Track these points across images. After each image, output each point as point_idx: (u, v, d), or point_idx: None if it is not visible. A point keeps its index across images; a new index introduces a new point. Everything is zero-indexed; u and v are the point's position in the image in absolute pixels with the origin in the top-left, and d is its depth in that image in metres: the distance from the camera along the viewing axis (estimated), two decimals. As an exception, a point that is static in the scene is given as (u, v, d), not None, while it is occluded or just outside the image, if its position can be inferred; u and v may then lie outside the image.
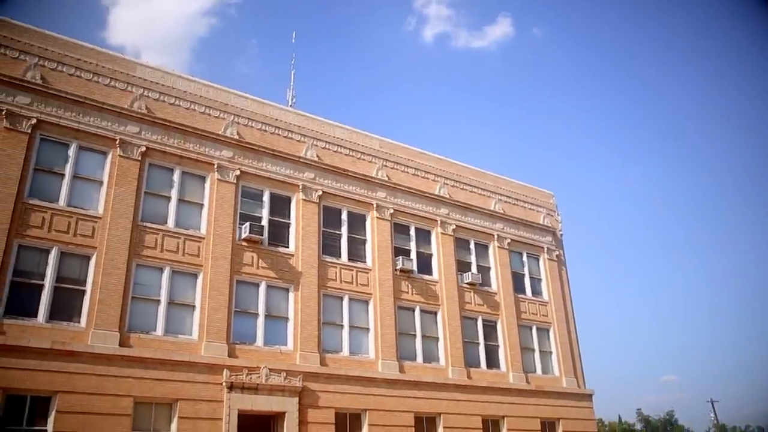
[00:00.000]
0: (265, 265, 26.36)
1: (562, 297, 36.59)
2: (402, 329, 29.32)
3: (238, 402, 23.31)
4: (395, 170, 32.22)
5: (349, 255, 29.19)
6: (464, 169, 35.65)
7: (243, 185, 27.11)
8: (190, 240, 24.98)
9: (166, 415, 22.27)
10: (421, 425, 27.91)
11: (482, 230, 34.49)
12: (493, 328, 32.86)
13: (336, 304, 27.94)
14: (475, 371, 30.83)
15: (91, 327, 21.71)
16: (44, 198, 22.58)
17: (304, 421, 24.52)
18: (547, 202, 39.25)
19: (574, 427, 32.92)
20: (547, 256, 37.04)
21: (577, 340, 36.34)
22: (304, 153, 29.05)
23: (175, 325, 23.70)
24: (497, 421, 30.47)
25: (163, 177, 25.42)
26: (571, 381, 34.31)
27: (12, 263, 21.21)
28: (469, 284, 32.41)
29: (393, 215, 31.08)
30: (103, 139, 24.27)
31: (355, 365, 27.04)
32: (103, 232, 23.10)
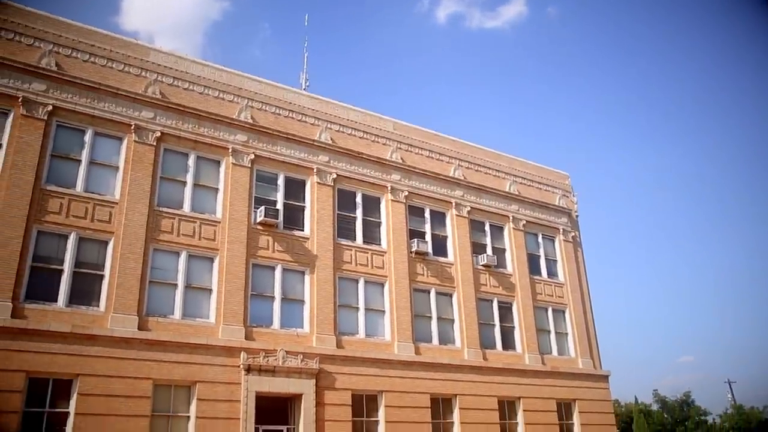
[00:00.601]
0: (281, 249, 26.48)
1: (578, 278, 36.46)
2: (417, 311, 29.40)
3: (255, 384, 23.56)
4: (409, 153, 32.12)
5: (364, 238, 29.24)
6: (479, 151, 35.48)
7: (257, 169, 27.18)
8: (205, 224, 25.13)
9: (185, 397, 22.57)
10: (437, 406, 28.07)
11: (497, 212, 34.37)
12: (509, 310, 32.86)
13: (351, 286, 28.05)
14: (491, 353, 30.89)
15: (110, 311, 21.99)
16: (62, 184, 22.79)
17: (321, 402, 24.75)
18: (563, 183, 38.99)
19: (590, 408, 32.96)
20: (563, 238, 36.88)
21: (593, 321, 36.27)
22: (318, 136, 29.03)
23: (193, 308, 23.93)
24: (513, 402, 30.57)
25: (178, 162, 25.54)
26: (587, 362, 34.29)
27: (31, 249, 21.48)
28: (485, 266, 32.37)
29: (408, 198, 31.05)
30: (119, 125, 24.39)
31: (371, 347, 27.19)
32: (120, 217, 23.31)
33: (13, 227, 21.09)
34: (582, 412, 32.58)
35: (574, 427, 32.33)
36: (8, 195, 21.33)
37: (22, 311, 20.54)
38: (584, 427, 32.32)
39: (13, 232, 21.05)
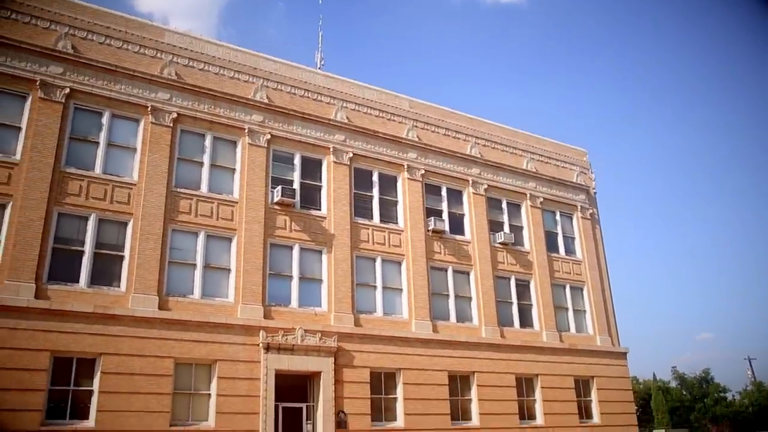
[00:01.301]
0: (298, 228, 26.61)
1: (596, 255, 36.30)
2: (435, 289, 29.48)
3: (274, 362, 23.83)
4: (426, 131, 31.99)
5: (381, 216, 29.27)
6: (496, 128, 35.23)
7: (274, 149, 27.23)
8: (223, 204, 25.29)
9: (205, 375, 22.90)
10: (455, 383, 28.24)
11: (514, 189, 34.22)
12: (527, 288, 32.84)
13: (369, 265, 28.15)
14: (509, 330, 30.95)
15: (130, 291, 22.29)
16: (80, 166, 23.01)
17: (339, 380, 24.99)
18: (581, 160, 38.67)
19: (609, 385, 32.98)
20: (581, 215, 36.66)
21: (612, 298, 36.16)
22: (334, 115, 28.99)
23: (212, 288, 24.18)
24: (531, 380, 30.67)
25: (194, 143, 25.66)
26: (605, 339, 34.25)
27: (53, 231, 21.78)
28: (502, 244, 32.31)
29: (424, 176, 30.98)
30: (135, 107, 24.52)
31: (389, 325, 27.35)
32: (139, 198, 23.51)
33: (34, 209, 21.38)
34: (600, 389, 32.61)
35: (592, 404, 32.41)
36: (29, 177, 21.59)
37: (45, 292, 20.89)
38: (602, 403, 32.38)
39: (35, 215, 21.34)
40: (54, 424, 19.75)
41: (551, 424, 30.12)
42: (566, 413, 30.91)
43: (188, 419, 22.08)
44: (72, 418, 20.21)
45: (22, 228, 21.00)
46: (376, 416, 25.67)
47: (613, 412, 32.61)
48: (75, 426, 20.05)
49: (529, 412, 30.09)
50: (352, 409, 24.92)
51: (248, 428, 22.60)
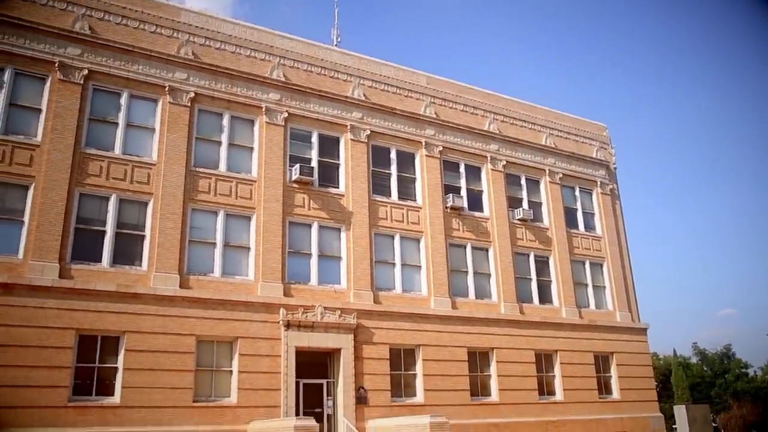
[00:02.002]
0: (317, 206, 26.68)
1: (616, 231, 36.05)
2: (454, 266, 29.49)
3: (295, 339, 24.07)
4: (443, 107, 31.78)
5: (399, 194, 29.25)
6: (514, 104, 34.92)
7: (291, 127, 27.24)
8: (242, 183, 25.40)
9: (227, 352, 23.21)
10: (475, 359, 28.36)
11: (533, 165, 33.99)
12: (546, 264, 32.74)
13: (387, 242, 28.21)
14: (528, 306, 30.94)
15: (152, 270, 22.56)
16: (100, 147, 23.21)
17: (359, 356, 25.20)
18: (600, 135, 38.25)
19: (628, 361, 32.93)
20: (601, 190, 36.36)
21: (632, 274, 35.95)
22: (351, 93, 28.88)
23: (232, 266, 24.40)
24: (550, 355, 30.70)
25: (212, 122, 25.74)
26: (625, 315, 34.13)
27: (75, 211, 22.06)
28: (521, 220, 32.19)
29: (442, 153, 30.85)
30: (153, 87, 24.60)
31: (408, 302, 27.45)
32: (158, 178, 23.69)
33: (56, 190, 21.64)
34: (620, 364, 32.59)
35: (612, 380, 32.40)
36: (50, 159, 21.83)
37: (69, 271, 21.22)
38: (622, 379, 32.37)
39: (57, 195, 21.61)
40: (81, 401, 20.18)
41: (571, 399, 30.19)
42: (586, 389, 30.94)
43: (211, 395, 22.44)
44: (98, 395, 20.65)
45: (45, 209, 21.29)
46: (395, 392, 25.89)
47: (633, 387, 32.58)
48: (101, 402, 20.48)
49: (548, 388, 30.17)
50: (372, 385, 25.15)
51: (270, 404, 22.92)
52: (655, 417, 32.74)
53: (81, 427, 19.75)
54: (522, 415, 28.25)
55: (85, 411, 20.06)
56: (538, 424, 28.39)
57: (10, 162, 21.44)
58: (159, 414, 21.01)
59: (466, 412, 26.79)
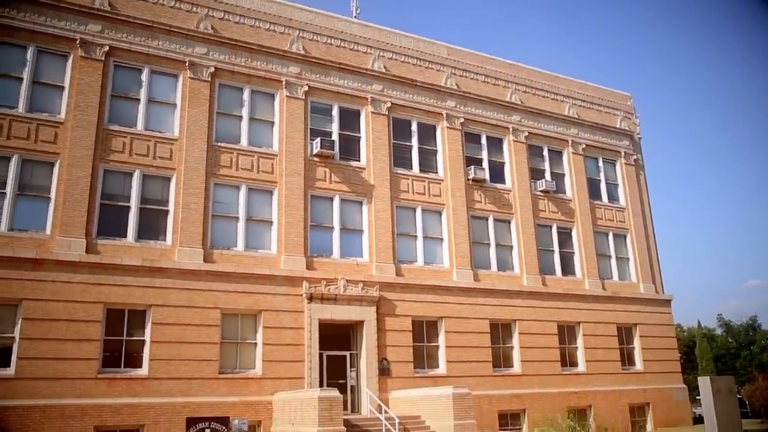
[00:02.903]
0: (338, 180, 26.71)
1: (640, 202, 35.66)
2: (476, 238, 29.44)
3: (318, 312, 24.30)
4: (464, 78, 31.45)
5: (421, 166, 29.15)
6: (536, 74, 34.44)
7: (312, 101, 27.18)
8: (263, 157, 25.48)
9: (251, 325, 23.52)
10: (497, 331, 28.44)
11: (556, 136, 33.62)
12: (568, 236, 32.55)
13: (409, 215, 28.21)
14: (550, 278, 30.86)
15: (176, 245, 22.85)
16: (123, 123, 23.38)
17: (382, 329, 25.40)
18: (624, 105, 37.65)
19: (652, 333, 32.80)
20: (624, 161, 35.90)
21: (656, 245, 35.61)
22: (371, 65, 28.68)
23: (255, 240, 24.60)
24: (573, 327, 30.67)
25: (233, 97, 25.76)
26: (648, 287, 33.90)
27: (99, 187, 22.34)
28: (543, 192, 31.96)
29: (463, 124, 30.62)
30: (173, 62, 24.65)
31: (430, 275, 27.52)
32: (181, 153, 23.85)
33: (81, 167, 21.91)
34: (643, 336, 32.47)
35: (635, 351, 32.33)
36: (74, 136, 22.07)
37: (95, 247, 21.57)
38: (645, 351, 32.27)
39: (82, 172, 21.88)
40: (110, 372, 20.65)
41: (593, 371, 30.21)
42: (609, 360, 30.93)
43: (236, 367, 22.82)
44: (126, 367, 21.10)
45: (70, 185, 21.59)
46: (418, 364, 26.10)
47: (657, 359, 32.49)
48: (129, 374, 20.93)
49: (570, 360, 30.21)
50: (394, 356, 25.37)
51: (294, 376, 23.26)
52: (679, 388, 32.68)
53: (111, 398, 20.26)
54: (544, 386, 28.35)
55: (115, 382, 20.55)
56: (560, 395, 28.49)
57: (35, 140, 21.72)
58: (186, 385, 21.44)
59: (489, 383, 26.97)
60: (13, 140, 21.36)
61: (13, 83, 22.01)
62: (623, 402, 30.38)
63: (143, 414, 20.57)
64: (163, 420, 20.71)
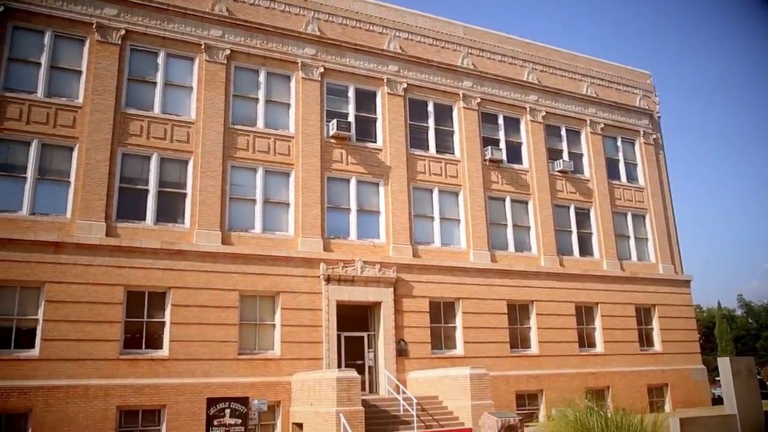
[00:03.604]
0: (354, 161, 26.69)
1: (659, 182, 35.29)
2: (493, 219, 29.35)
3: (335, 293, 24.43)
4: (481, 58, 31.16)
5: (437, 147, 29.03)
6: (554, 53, 34.04)
7: (327, 82, 27.10)
8: (279, 140, 25.51)
9: (269, 306, 23.71)
10: (514, 312, 28.42)
11: (574, 116, 33.28)
12: (586, 216, 32.34)
13: (426, 196, 28.16)
14: (568, 259, 30.73)
15: (194, 227, 23.02)
16: (140, 107, 23.49)
17: (399, 310, 25.49)
18: (644, 83, 37.13)
19: (671, 314, 32.61)
20: (644, 140, 35.49)
21: (675, 225, 35.28)
22: (387, 45, 28.50)
23: (272, 222, 24.72)
24: (591, 308, 30.57)
25: (249, 79, 25.75)
26: (667, 267, 33.65)
27: (118, 170, 22.52)
28: (561, 172, 31.72)
29: (480, 105, 30.39)
30: (189, 45, 24.65)
31: (447, 256, 27.51)
32: (198, 136, 23.94)
33: (99, 151, 22.09)
34: (662, 317, 32.29)
35: (654, 332, 32.18)
36: (92, 120, 22.23)
37: (115, 230, 21.80)
38: (664, 332, 32.11)
39: (100, 156, 22.06)
40: (131, 353, 20.97)
41: (611, 351, 30.14)
42: (627, 341, 30.83)
43: (255, 348, 23.05)
44: (147, 348, 21.40)
45: (89, 169, 21.79)
46: (435, 344, 26.19)
47: (675, 340, 32.32)
48: (151, 355, 21.23)
49: (588, 340, 30.15)
50: (412, 337, 25.47)
51: (312, 356, 23.45)
52: (698, 369, 32.52)
53: (133, 378, 20.58)
54: (562, 367, 28.36)
55: (136, 363, 20.87)
56: (578, 376, 28.49)
57: (54, 124, 21.90)
58: (206, 366, 21.72)
59: (506, 364, 27.01)
60: (32, 125, 21.56)
61: (32, 68, 22.18)
62: (641, 383, 30.32)
63: (164, 394, 20.90)
64: (184, 400, 21.02)
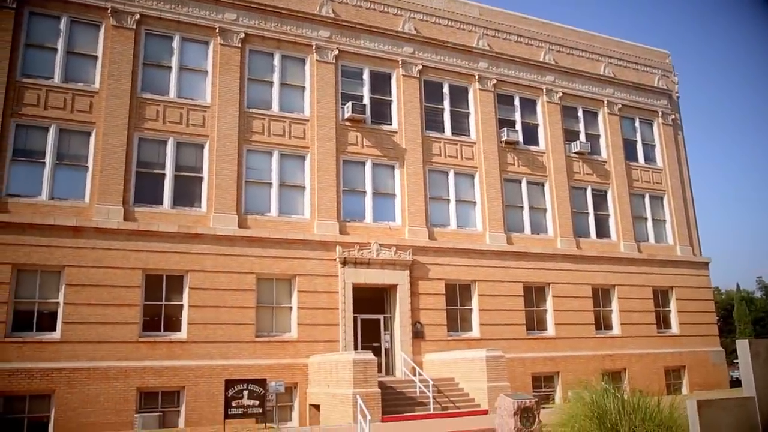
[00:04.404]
0: (370, 144, 26.64)
1: (678, 163, 34.89)
2: (509, 201, 29.22)
3: (351, 276, 24.50)
4: (497, 38, 30.86)
5: (453, 129, 28.88)
6: (571, 33, 33.62)
7: (342, 65, 26.99)
8: (295, 123, 25.50)
9: (286, 289, 23.86)
10: (531, 294, 28.38)
11: (591, 96, 32.92)
12: (603, 198, 32.09)
13: (441, 178, 28.07)
14: (585, 241, 30.57)
15: (211, 211, 23.15)
16: (156, 91, 23.56)
17: (415, 292, 25.54)
18: (663, 62, 36.59)
19: (689, 296, 32.38)
20: (662, 121, 35.06)
21: (694, 207, 34.92)
22: (402, 27, 28.29)
23: (288, 205, 24.79)
24: (607, 290, 30.44)
25: (263, 62, 25.71)
26: (685, 249, 33.37)
27: (135, 155, 22.65)
28: (578, 153, 31.46)
29: (496, 86, 30.14)
30: (204, 29, 24.63)
31: (463, 238, 27.47)
32: (213, 120, 23.99)
33: (116, 135, 22.23)
34: (679, 299, 32.08)
35: (671, 315, 32.00)
36: (108, 105, 22.34)
37: (132, 214, 21.98)
38: (681, 314, 31.92)
39: (117, 140, 22.20)
40: (150, 336, 21.23)
41: (628, 333, 30.04)
42: (644, 323, 30.70)
43: (272, 331, 23.24)
44: (166, 331, 21.66)
45: (106, 154, 21.94)
46: (452, 327, 26.24)
47: (693, 322, 32.13)
48: (169, 337, 21.48)
49: (605, 323, 30.07)
50: (428, 320, 25.54)
51: (329, 339, 23.60)
52: (716, 351, 32.33)
53: (152, 360, 20.85)
54: (578, 349, 28.32)
55: (155, 345, 21.13)
56: (594, 358, 28.44)
57: (72, 109, 22.04)
58: (224, 348, 21.94)
59: (522, 346, 27.03)
60: (50, 110, 21.72)
61: (49, 54, 22.29)
62: (658, 365, 30.22)
63: (184, 376, 21.16)
64: (203, 382, 21.29)
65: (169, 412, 21.05)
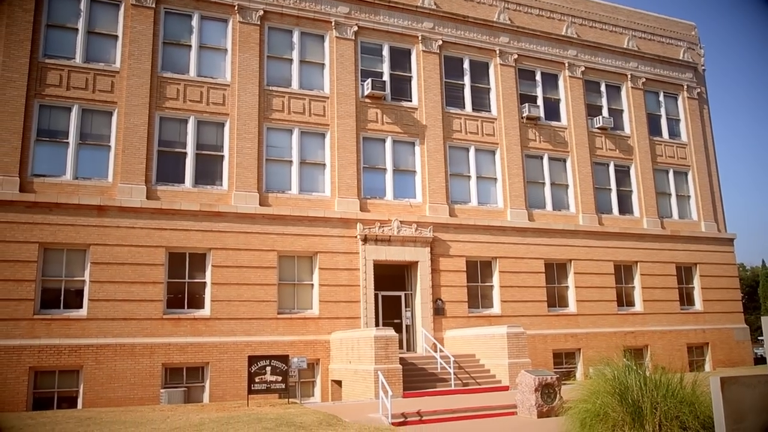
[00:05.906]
0: (390, 121, 26.53)
1: (703, 137, 34.31)
2: (530, 178, 29.01)
3: (372, 253, 24.58)
4: (518, 12, 30.40)
5: (473, 105, 28.63)
6: (594, 5, 33.00)
7: (362, 41, 26.80)
8: (314, 100, 25.44)
9: (307, 266, 24.01)
10: (552, 271, 28.27)
11: (614, 70, 32.39)
12: (626, 174, 31.72)
13: (462, 155, 27.91)
14: (607, 217, 30.30)
15: (232, 189, 23.28)
16: (176, 70, 23.62)
17: (436, 269, 25.56)
18: (689, 35, 35.83)
19: (713, 272, 32.03)
20: (687, 95, 34.43)
21: (719, 182, 34.39)
22: (422, 2, 27.96)
23: (308, 183, 24.85)
24: (630, 267, 30.21)
25: (283, 40, 25.62)
26: (710, 225, 32.93)
27: (156, 134, 22.80)
28: (600, 129, 31.06)
29: (517, 61, 29.77)
30: (222, 6, 24.56)
31: (484, 215, 27.37)
32: (233, 98, 24.03)
33: (138, 115, 22.36)
34: (703, 275, 31.76)
35: (695, 291, 31.71)
36: (129, 84, 22.45)
37: (155, 193, 22.19)
38: (705, 290, 31.62)
39: (139, 120, 22.34)
40: (174, 313, 21.54)
41: (650, 310, 29.85)
42: (666, 300, 30.47)
43: (294, 308, 23.45)
44: (190, 308, 21.96)
45: (128, 133, 22.11)
46: (472, 303, 26.28)
47: (717, 299, 31.83)
48: (193, 314, 21.78)
49: (627, 299, 29.89)
50: (449, 296, 25.58)
51: (350, 315, 23.77)
52: (740, 328, 32.04)
53: (177, 337, 21.18)
54: (600, 325, 28.23)
55: (179, 322, 21.44)
56: (616, 335, 28.34)
57: (93, 89, 22.20)
58: (246, 325, 22.21)
59: (543, 322, 27.01)
60: (72, 90, 21.89)
61: (70, 34, 22.41)
62: (681, 342, 30.04)
63: (207, 352, 21.49)
64: (226, 358, 21.60)
65: (194, 388, 21.43)
